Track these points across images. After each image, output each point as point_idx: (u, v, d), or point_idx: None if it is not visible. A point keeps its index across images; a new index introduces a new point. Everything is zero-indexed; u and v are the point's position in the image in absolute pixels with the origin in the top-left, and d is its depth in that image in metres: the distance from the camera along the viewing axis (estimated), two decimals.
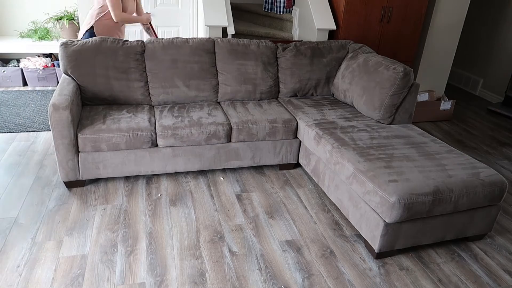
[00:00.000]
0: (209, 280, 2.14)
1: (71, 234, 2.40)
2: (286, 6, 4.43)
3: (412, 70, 2.96)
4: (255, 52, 3.34)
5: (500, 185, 2.33)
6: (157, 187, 2.92)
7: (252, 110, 3.16)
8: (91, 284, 2.06)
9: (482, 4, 5.51)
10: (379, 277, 2.23)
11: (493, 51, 5.41)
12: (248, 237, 2.48)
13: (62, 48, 2.96)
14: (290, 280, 2.17)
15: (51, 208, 2.62)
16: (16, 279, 2.06)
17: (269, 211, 2.74)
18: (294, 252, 2.38)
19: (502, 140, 4.20)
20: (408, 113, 3.09)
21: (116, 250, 2.30)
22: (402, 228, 2.26)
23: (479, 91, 5.63)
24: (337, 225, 2.65)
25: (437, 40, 4.40)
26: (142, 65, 3.13)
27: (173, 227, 2.52)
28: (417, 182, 2.23)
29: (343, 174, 2.51)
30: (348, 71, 3.37)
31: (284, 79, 3.47)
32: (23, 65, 4.79)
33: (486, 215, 2.44)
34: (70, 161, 2.70)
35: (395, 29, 4.08)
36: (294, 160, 3.23)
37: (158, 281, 2.10)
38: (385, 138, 2.78)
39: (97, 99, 3.07)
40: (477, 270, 2.34)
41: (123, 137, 2.72)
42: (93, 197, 2.76)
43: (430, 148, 2.65)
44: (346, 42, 3.64)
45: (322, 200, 2.91)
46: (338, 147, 2.63)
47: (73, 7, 5.13)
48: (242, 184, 3.04)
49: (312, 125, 2.95)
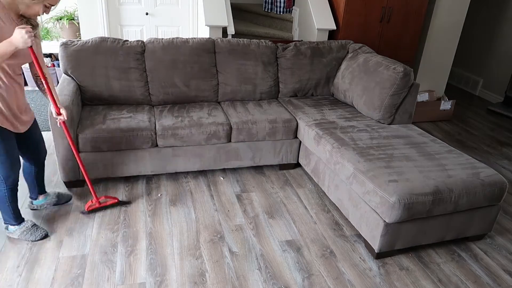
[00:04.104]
0: (209, 280, 2.14)
1: (71, 234, 2.40)
2: (286, 6, 4.43)
3: (412, 70, 2.96)
4: (255, 52, 3.34)
5: (500, 185, 2.33)
6: (157, 187, 2.92)
7: (252, 110, 3.16)
8: (91, 284, 2.06)
9: (482, 4, 5.51)
10: (379, 277, 2.23)
11: (493, 51, 5.41)
12: (248, 237, 2.48)
13: (62, 48, 2.96)
14: (290, 280, 2.17)
15: (51, 208, 2.62)
16: (16, 279, 2.06)
17: (269, 211, 2.74)
18: (294, 252, 2.38)
19: (502, 140, 4.20)
20: (408, 113, 3.09)
21: (116, 250, 2.30)
22: (402, 228, 2.26)
23: (479, 91, 5.63)
24: (337, 225, 2.65)
25: (437, 40, 4.40)
26: (142, 65, 3.13)
27: (173, 227, 2.52)
28: (417, 182, 2.23)
29: (343, 174, 2.51)
30: (348, 71, 3.37)
31: (284, 79, 3.47)
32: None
33: (486, 215, 2.44)
34: (70, 161, 2.70)
35: (395, 29, 4.08)
36: (294, 160, 3.23)
37: (158, 281, 2.10)
38: (385, 138, 2.78)
39: (97, 99, 3.07)
40: (477, 270, 2.34)
41: (123, 137, 2.72)
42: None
43: (430, 148, 2.65)
44: (346, 42, 3.64)
45: (322, 200, 2.91)
46: (338, 147, 2.63)
47: (73, 7, 5.13)
48: (242, 184, 3.04)
49: (312, 125, 2.95)
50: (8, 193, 2.19)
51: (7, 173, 2.13)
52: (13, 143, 2.11)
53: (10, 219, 2.29)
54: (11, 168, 2.12)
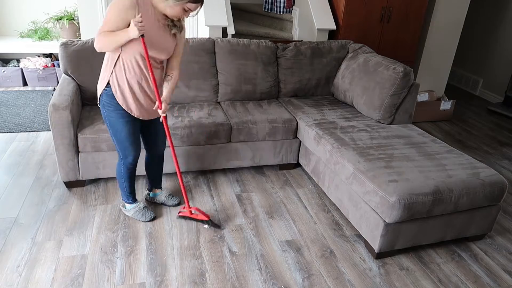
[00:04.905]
0: (209, 280, 2.14)
1: (71, 234, 2.40)
2: (286, 6, 4.43)
3: (412, 70, 2.96)
4: (255, 52, 3.34)
5: (500, 185, 2.33)
6: None
7: (252, 110, 3.16)
8: (91, 284, 2.06)
9: (482, 4, 5.51)
10: (379, 277, 2.23)
11: (493, 51, 5.41)
12: (248, 237, 2.48)
13: (62, 48, 2.96)
14: (290, 280, 2.17)
15: (51, 208, 2.62)
16: (16, 279, 2.06)
17: (269, 211, 2.74)
18: (294, 252, 2.38)
19: (502, 140, 4.20)
20: (408, 113, 3.09)
21: (116, 250, 2.30)
22: (402, 228, 2.26)
23: (479, 91, 5.63)
24: (337, 225, 2.65)
25: (437, 40, 4.40)
26: None
27: (173, 227, 2.52)
28: (417, 182, 2.23)
29: (343, 174, 2.51)
30: (348, 71, 3.37)
31: (284, 79, 3.47)
32: (23, 65, 4.79)
33: (486, 215, 2.44)
34: (70, 161, 2.70)
35: (395, 29, 4.08)
36: (294, 160, 3.23)
37: (158, 281, 2.10)
38: (385, 138, 2.78)
39: (97, 99, 3.06)
40: (477, 270, 2.34)
41: None
42: (93, 197, 2.76)
43: (430, 148, 2.65)
44: (346, 42, 3.64)
45: (322, 200, 2.91)
46: (338, 147, 2.63)
47: (73, 7, 5.13)
48: (242, 184, 3.03)
49: (312, 125, 2.95)
50: (124, 171, 2.39)
51: (125, 153, 2.31)
52: (136, 127, 2.29)
53: (125, 196, 2.52)
54: (129, 148, 2.29)
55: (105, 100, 2.18)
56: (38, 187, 2.83)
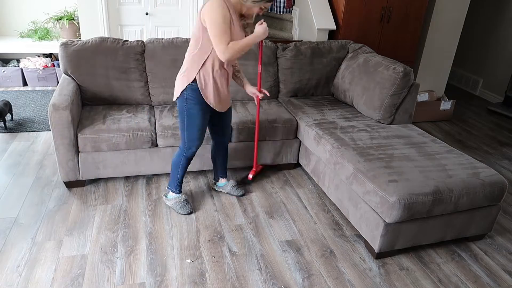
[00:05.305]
0: (209, 280, 2.14)
1: (71, 234, 2.40)
2: (286, 6, 4.43)
3: (412, 70, 2.96)
4: (255, 52, 3.34)
5: (500, 185, 2.33)
6: (157, 187, 2.92)
7: (252, 110, 3.16)
8: (91, 284, 2.06)
9: (482, 4, 5.51)
10: (379, 277, 2.23)
11: (493, 51, 5.41)
12: (248, 237, 2.48)
13: (62, 48, 2.96)
14: (290, 280, 2.17)
15: (51, 208, 2.63)
16: (16, 279, 2.06)
17: (269, 211, 2.74)
18: (294, 252, 2.38)
19: (502, 140, 4.20)
20: (408, 113, 3.09)
21: (116, 250, 2.30)
22: (402, 228, 2.26)
23: (479, 91, 5.63)
24: (337, 225, 2.65)
25: (437, 40, 4.40)
26: (142, 65, 3.13)
27: (173, 227, 2.52)
28: (417, 182, 2.23)
29: (343, 174, 2.51)
30: (348, 71, 3.37)
31: (284, 79, 3.47)
32: (23, 65, 4.80)
33: (486, 215, 2.44)
34: (70, 161, 2.70)
35: (395, 29, 4.08)
36: (294, 160, 3.23)
37: (158, 281, 2.10)
38: (385, 138, 2.78)
39: (97, 99, 3.07)
40: (477, 270, 2.34)
41: (123, 137, 2.72)
42: (93, 197, 2.76)
43: (430, 148, 2.65)
44: (346, 42, 3.64)
45: (322, 200, 2.91)
46: (338, 147, 2.63)
47: (73, 7, 5.13)
48: (242, 184, 3.03)
49: (312, 125, 2.95)
50: (183, 161, 2.53)
51: (190, 144, 2.46)
52: (206, 119, 2.46)
53: (173, 185, 2.62)
54: (197, 140, 2.45)
55: (189, 94, 2.33)
56: (38, 187, 2.83)
